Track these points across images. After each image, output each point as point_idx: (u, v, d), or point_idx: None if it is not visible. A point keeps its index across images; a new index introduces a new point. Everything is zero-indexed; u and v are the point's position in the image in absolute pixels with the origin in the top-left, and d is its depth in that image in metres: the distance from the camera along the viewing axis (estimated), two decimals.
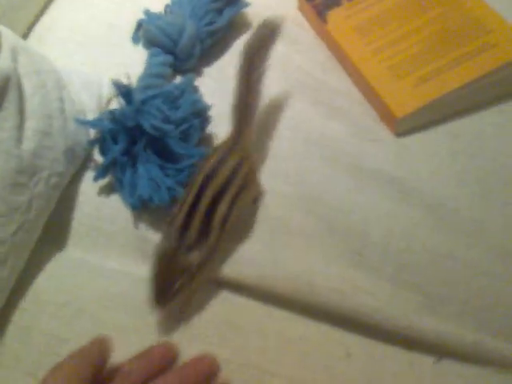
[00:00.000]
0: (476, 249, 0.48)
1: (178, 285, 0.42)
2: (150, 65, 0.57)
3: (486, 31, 0.55)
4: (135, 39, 0.63)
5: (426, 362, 0.44)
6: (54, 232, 0.49)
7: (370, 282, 0.47)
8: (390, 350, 0.44)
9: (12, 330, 0.45)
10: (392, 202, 0.51)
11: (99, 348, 0.34)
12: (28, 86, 0.47)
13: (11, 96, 0.44)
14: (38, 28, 0.65)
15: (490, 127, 0.55)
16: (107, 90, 0.58)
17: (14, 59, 0.46)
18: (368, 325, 0.45)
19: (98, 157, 0.53)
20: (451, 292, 0.46)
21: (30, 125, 0.45)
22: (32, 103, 0.46)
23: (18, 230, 0.43)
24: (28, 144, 0.44)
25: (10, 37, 0.49)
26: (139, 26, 0.63)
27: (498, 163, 0.52)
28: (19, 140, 0.44)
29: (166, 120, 0.47)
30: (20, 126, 0.44)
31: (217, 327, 0.45)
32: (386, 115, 0.55)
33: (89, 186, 0.52)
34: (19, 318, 0.45)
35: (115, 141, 0.49)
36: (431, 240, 0.49)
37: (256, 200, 0.50)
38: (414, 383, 0.43)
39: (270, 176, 0.52)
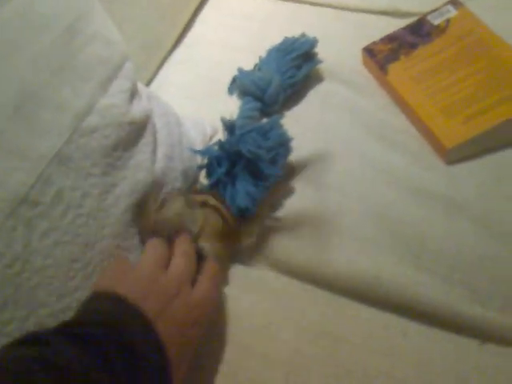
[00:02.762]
0: None
1: None
2: (243, 109, 0.72)
3: None
4: (230, 91, 0.78)
5: (471, 344, 0.52)
6: None
7: (427, 279, 0.56)
8: (440, 333, 0.53)
9: None
10: (444, 216, 0.61)
11: None
12: (158, 123, 0.62)
13: (149, 129, 0.59)
14: (154, 85, 0.82)
15: None
16: (209, 130, 0.73)
17: (149, 103, 0.62)
18: (423, 312, 0.54)
19: (202, 179, 0.67)
20: (495, 288, 0.55)
21: (160, 151, 0.60)
22: (161, 135, 0.61)
23: None
24: (159, 164, 0.59)
25: (144, 88, 0.66)
26: (234, 80, 0.78)
27: None
28: (154, 161, 0.59)
29: (259, 147, 0.61)
30: (154, 151, 0.59)
31: (301, 305, 0.57)
32: (439, 147, 0.66)
33: None
34: None
35: (219, 165, 0.63)
36: (478, 246, 0.58)
37: None
38: (460, 361, 0.51)
39: (346, 196, 0.64)
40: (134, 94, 0.58)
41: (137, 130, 0.57)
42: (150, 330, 0.41)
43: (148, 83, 0.80)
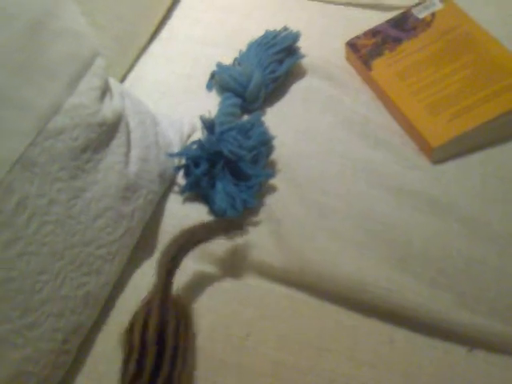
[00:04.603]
0: (504, 256, 0.55)
1: None
2: (223, 106, 0.69)
3: (508, 74, 0.64)
4: (209, 87, 0.75)
5: (459, 351, 0.51)
6: (144, 240, 0.60)
7: (412, 284, 0.54)
8: (428, 340, 0.52)
9: (114, 315, 0.55)
10: (430, 218, 0.59)
11: None
12: (132, 123, 0.59)
13: (122, 129, 0.56)
14: (129, 81, 0.79)
15: None
16: (187, 128, 0.69)
17: (122, 102, 0.59)
18: (410, 318, 0.53)
19: (180, 181, 0.64)
20: (482, 292, 0.53)
21: (134, 153, 0.57)
22: (135, 136, 0.58)
23: (125, 233, 0.54)
24: (133, 167, 0.56)
25: (117, 85, 0.62)
26: (212, 76, 0.75)
27: None
28: (127, 164, 0.55)
29: (240, 147, 0.58)
30: (127, 153, 0.56)
31: (283, 312, 0.54)
32: (424, 145, 0.64)
33: (173, 205, 0.63)
34: (121, 305, 0.56)
35: (198, 165, 0.60)
36: (466, 249, 0.56)
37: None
38: (448, 369, 0.50)
39: (328, 196, 0.61)
40: (105, 92, 0.55)
41: (108, 131, 0.53)
42: None
43: (122, 79, 0.77)
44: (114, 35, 0.74)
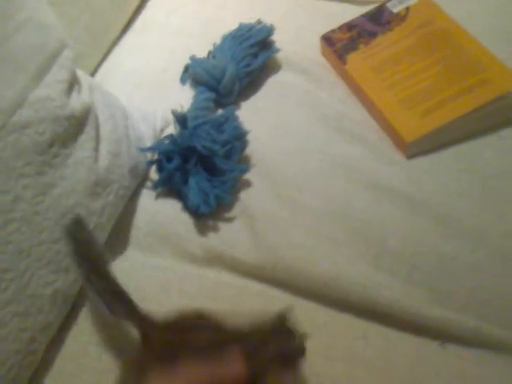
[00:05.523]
0: (477, 252, 0.55)
1: None
2: (196, 100, 0.68)
3: (481, 69, 0.64)
4: (183, 80, 0.74)
5: (432, 345, 0.51)
6: (116, 236, 0.59)
7: (387, 280, 0.54)
8: (401, 335, 0.52)
9: (85, 313, 0.54)
10: (405, 214, 0.59)
11: None
12: (101, 116, 0.57)
13: (90, 123, 0.54)
14: (101, 72, 0.77)
15: (489, 150, 0.63)
16: (160, 122, 0.68)
17: (91, 95, 0.57)
18: (384, 314, 0.52)
19: (153, 176, 0.63)
20: (456, 288, 0.53)
21: (104, 147, 0.56)
22: (105, 130, 0.57)
23: (94, 230, 0.53)
24: (103, 162, 0.55)
25: (86, 77, 0.60)
26: (186, 69, 0.74)
27: (496, 180, 0.60)
28: (96, 158, 0.54)
29: (214, 141, 0.57)
30: (97, 148, 0.55)
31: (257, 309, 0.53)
32: (398, 140, 0.64)
33: (146, 200, 0.62)
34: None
35: (169, 160, 0.59)
36: (439, 245, 0.56)
37: None
38: (421, 363, 0.50)
39: (303, 192, 0.61)
40: (72, 84, 0.53)
41: (76, 125, 0.52)
42: None
43: (93, 71, 0.75)
44: (84, 26, 0.72)
